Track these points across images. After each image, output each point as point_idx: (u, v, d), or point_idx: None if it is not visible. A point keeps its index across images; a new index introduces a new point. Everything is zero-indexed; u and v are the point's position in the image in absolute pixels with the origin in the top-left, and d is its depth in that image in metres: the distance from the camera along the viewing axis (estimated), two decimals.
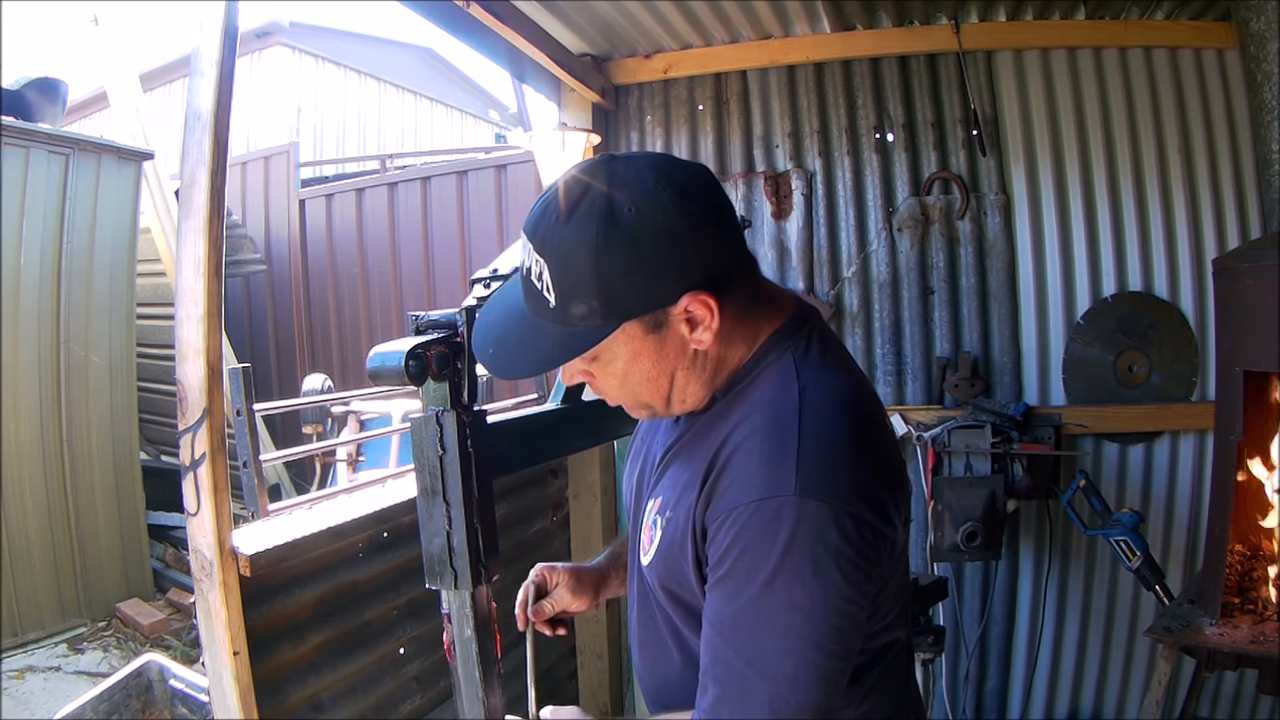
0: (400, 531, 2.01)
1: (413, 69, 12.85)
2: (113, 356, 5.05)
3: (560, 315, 0.90)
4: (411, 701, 2.09)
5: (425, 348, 1.15)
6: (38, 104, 5.17)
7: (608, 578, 1.30)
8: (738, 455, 0.92)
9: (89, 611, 4.72)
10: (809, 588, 0.85)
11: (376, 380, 1.17)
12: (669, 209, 0.88)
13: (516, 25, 2.54)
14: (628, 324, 0.91)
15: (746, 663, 0.88)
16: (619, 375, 0.96)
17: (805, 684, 0.87)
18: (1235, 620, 2.19)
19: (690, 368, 0.96)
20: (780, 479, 0.86)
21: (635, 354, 0.94)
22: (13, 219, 4.45)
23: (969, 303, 3.10)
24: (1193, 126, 2.96)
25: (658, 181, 0.89)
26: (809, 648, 0.87)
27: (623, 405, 1.02)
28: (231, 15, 1.53)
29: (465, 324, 1.20)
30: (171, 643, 4.52)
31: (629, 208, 0.87)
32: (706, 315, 0.92)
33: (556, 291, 0.89)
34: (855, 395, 0.96)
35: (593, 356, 0.95)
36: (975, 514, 2.75)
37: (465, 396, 1.20)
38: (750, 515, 0.87)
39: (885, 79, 3.15)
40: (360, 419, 4.67)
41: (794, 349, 0.97)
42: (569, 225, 0.88)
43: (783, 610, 0.86)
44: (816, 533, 0.85)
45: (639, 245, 0.87)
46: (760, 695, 0.87)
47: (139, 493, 5.17)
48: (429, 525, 1.20)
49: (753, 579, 0.87)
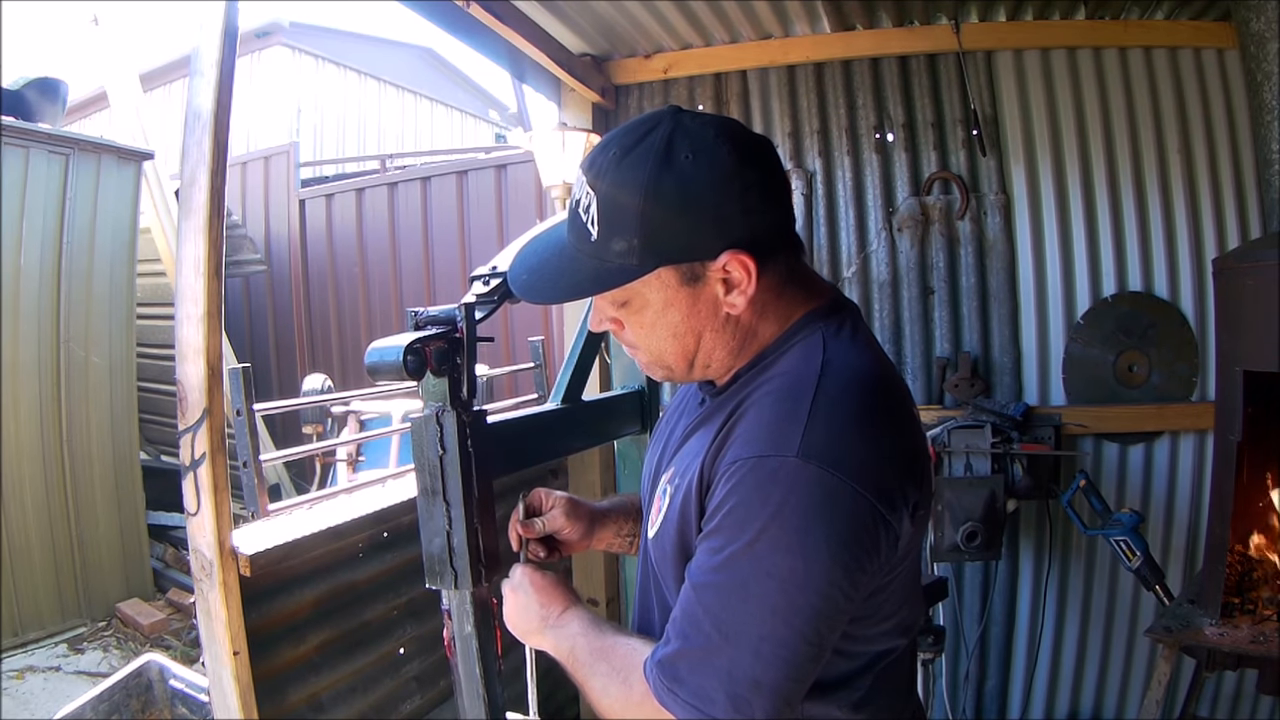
0: (400, 531, 2.01)
1: (413, 69, 12.85)
2: (113, 356, 5.05)
3: (600, 249, 0.90)
4: (411, 701, 2.09)
5: (424, 343, 1.15)
6: (38, 104, 5.17)
7: (605, 518, 1.27)
8: (749, 412, 0.91)
9: (89, 611, 4.72)
10: (791, 557, 0.82)
11: (375, 375, 1.16)
12: (724, 164, 0.88)
13: (516, 25, 2.54)
14: (663, 270, 0.90)
15: (714, 624, 0.85)
16: (647, 325, 0.95)
17: (767, 660, 0.83)
18: (1235, 620, 2.19)
19: (719, 331, 0.94)
20: (785, 439, 0.84)
21: (667, 303, 0.92)
22: (13, 219, 4.45)
23: (969, 303, 3.10)
24: (1193, 126, 2.96)
25: (719, 136, 0.89)
26: (779, 622, 0.83)
27: (642, 363, 1.01)
28: (231, 15, 1.53)
29: (465, 320, 1.19)
30: (171, 643, 4.52)
31: (686, 154, 0.87)
32: (744, 278, 0.90)
33: (600, 225, 0.89)
34: (879, 376, 0.93)
35: (624, 300, 0.94)
36: (975, 514, 2.75)
37: (465, 392, 1.20)
38: (748, 471, 0.85)
39: (885, 79, 3.15)
40: (360, 419, 4.67)
41: (825, 330, 0.95)
42: (624, 161, 0.88)
43: (759, 576, 0.83)
44: (810, 501, 0.82)
45: (688, 192, 0.87)
46: (720, 661, 0.84)
47: (139, 493, 5.17)
48: (429, 525, 1.20)
49: (737, 538, 0.84)
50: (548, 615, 1.07)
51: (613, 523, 1.27)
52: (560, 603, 1.08)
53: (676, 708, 0.86)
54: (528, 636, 1.11)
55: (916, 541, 0.95)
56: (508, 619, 1.13)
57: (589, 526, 1.24)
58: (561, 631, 1.04)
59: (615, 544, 1.28)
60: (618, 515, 1.28)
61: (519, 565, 1.16)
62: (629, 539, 1.28)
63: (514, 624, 1.12)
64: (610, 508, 1.28)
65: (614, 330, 0.99)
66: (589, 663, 0.99)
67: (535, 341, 3.67)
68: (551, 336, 5.37)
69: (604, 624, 1.04)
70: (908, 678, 1.06)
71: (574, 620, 1.04)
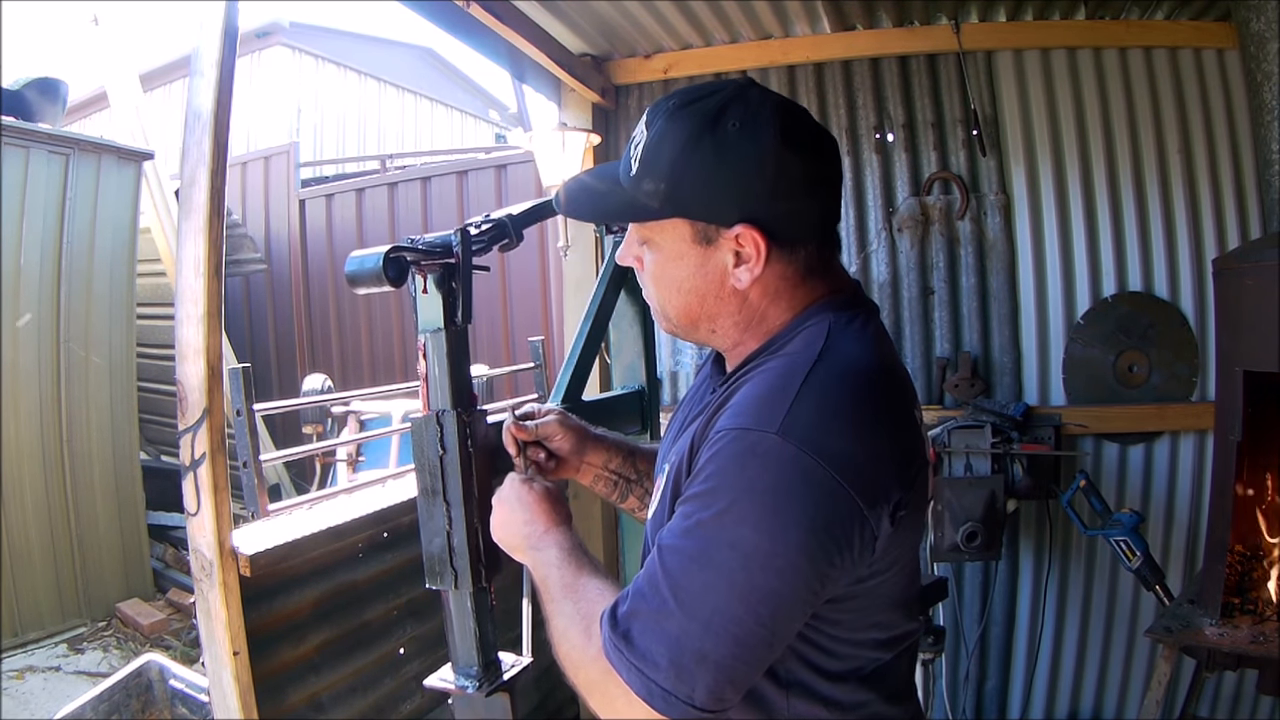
0: (400, 531, 2.01)
1: (413, 69, 12.84)
2: (113, 356, 5.05)
3: (634, 185, 0.95)
4: (411, 701, 2.09)
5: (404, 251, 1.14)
6: (38, 104, 5.17)
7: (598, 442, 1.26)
8: (743, 387, 0.92)
9: (89, 611, 4.72)
10: (757, 534, 0.81)
11: (354, 284, 1.15)
12: (766, 143, 0.90)
13: (516, 25, 2.54)
14: (680, 221, 0.94)
15: (671, 589, 0.84)
16: (659, 268, 0.98)
17: (717, 634, 0.81)
18: (1235, 620, 2.19)
19: (722, 299, 0.96)
20: (769, 415, 0.84)
21: (679, 255, 0.96)
22: (13, 219, 4.45)
23: (969, 303, 3.11)
24: (1193, 126, 2.96)
25: (773, 116, 0.91)
26: (734, 598, 0.81)
27: (652, 310, 1.04)
28: (231, 15, 1.53)
29: (460, 245, 1.18)
30: (171, 643, 4.52)
31: (734, 122, 0.90)
32: (753, 255, 0.92)
33: (639, 164, 0.94)
34: (879, 370, 0.92)
35: (645, 239, 0.98)
36: (975, 514, 2.75)
37: (460, 316, 1.19)
38: (729, 442, 0.85)
39: (885, 79, 3.15)
40: (360, 419, 4.67)
41: (835, 320, 0.94)
42: (677, 113, 0.93)
43: (722, 547, 0.82)
44: (784, 481, 0.81)
45: (722, 158, 0.90)
46: (671, 628, 0.83)
47: (139, 493, 5.16)
48: (429, 525, 1.20)
49: (709, 506, 0.84)
50: (530, 533, 1.06)
51: (604, 449, 1.26)
52: (544, 520, 1.06)
53: (621, 668, 0.85)
54: (512, 551, 1.10)
55: (904, 549, 0.92)
56: (494, 532, 1.12)
57: (580, 442, 1.23)
58: (539, 555, 1.03)
59: (602, 478, 1.26)
60: (610, 444, 1.27)
61: (510, 475, 1.14)
62: (614, 478, 1.26)
63: (499, 537, 1.11)
64: (603, 434, 1.28)
65: (636, 267, 1.03)
66: (558, 598, 0.97)
67: (535, 341, 3.67)
68: (551, 336, 5.37)
69: (580, 555, 1.02)
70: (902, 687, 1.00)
71: (553, 546, 1.03)
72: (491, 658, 1.22)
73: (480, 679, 1.20)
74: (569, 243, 3.00)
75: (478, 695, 1.19)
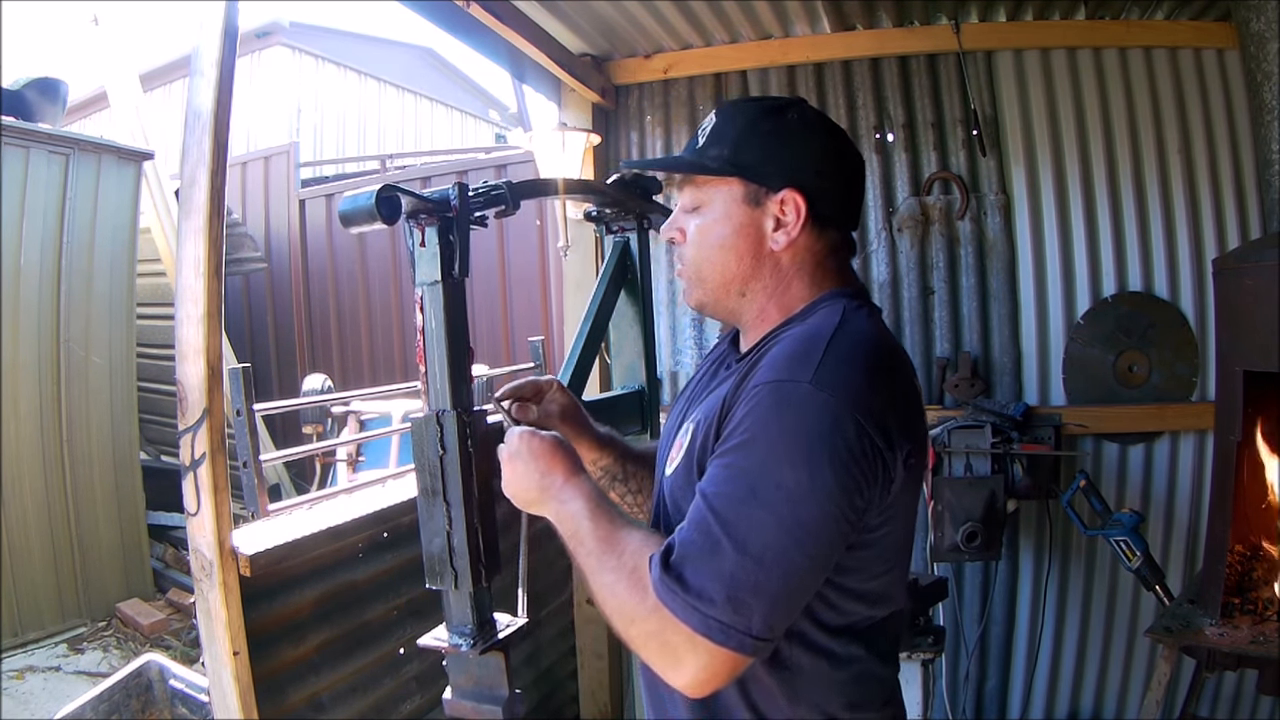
0: (400, 531, 2.01)
1: (413, 69, 12.85)
2: (113, 356, 5.05)
3: (700, 153, 1.11)
4: (411, 701, 2.09)
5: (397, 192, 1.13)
6: (38, 104, 5.17)
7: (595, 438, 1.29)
8: (771, 351, 1.02)
9: (89, 611, 4.72)
10: (796, 471, 0.90)
11: (347, 223, 1.15)
12: (818, 133, 1.10)
13: (516, 25, 2.54)
14: (735, 181, 1.08)
15: (722, 529, 0.90)
16: (705, 230, 1.10)
17: (769, 568, 0.89)
18: (1235, 620, 2.19)
19: (759, 260, 1.08)
20: (802, 368, 0.94)
21: (726, 214, 1.09)
22: (13, 219, 4.45)
23: (969, 303, 3.10)
24: (1193, 126, 2.96)
25: (823, 122, 1.12)
26: (782, 531, 0.89)
27: (685, 280, 1.14)
28: (231, 15, 1.53)
29: (458, 198, 1.18)
30: (171, 643, 4.52)
31: (793, 115, 1.09)
32: (793, 218, 1.06)
33: (707, 137, 1.11)
34: (888, 346, 1.04)
35: (696, 205, 1.11)
36: (975, 514, 2.75)
37: (456, 269, 1.19)
38: (765, 394, 0.94)
39: (885, 79, 3.15)
40: (360, 419, 4.67)
41: (848, 304, 1.06)
42: (744, 105, 1.13)
43: (770, 487, 0.90)
44: (818, 422, 0.91)
45: (778, 134, 1.08)
46: (725, 566, 0.89)
47: (139, 493, 5.17)
48: (429, 525, 1.20)
49: (751, 454, 0.92)
50: (549, 484, 1.07)
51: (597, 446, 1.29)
52: (561, 469, 1.08)
53: (677, 608, 0.90)
54: (529, 505, 1.11)
55: (906, 506, 1.02)
56: (506, 488, 1.13)
57: (574, 406, 1.28)
58: (564, 508, 1.04)
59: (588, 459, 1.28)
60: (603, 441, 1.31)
61: (515, 429, 1.13)
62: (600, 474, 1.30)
63: (513, 493, 1.12)
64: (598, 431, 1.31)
65: (676, 240, 1.14)
66: (598, 552, 0.99)
67: (535, 341, 3.67)
68: (551, 336, 5.37)
69: (607, 504, 1.05)
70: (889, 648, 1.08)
71: (577, 496, 1.04)
72: (486, 617, 1.21)
73: (475, 637, 1.19)
74: (569, 243, 3.00)
75: (472, 654, 1.18)
